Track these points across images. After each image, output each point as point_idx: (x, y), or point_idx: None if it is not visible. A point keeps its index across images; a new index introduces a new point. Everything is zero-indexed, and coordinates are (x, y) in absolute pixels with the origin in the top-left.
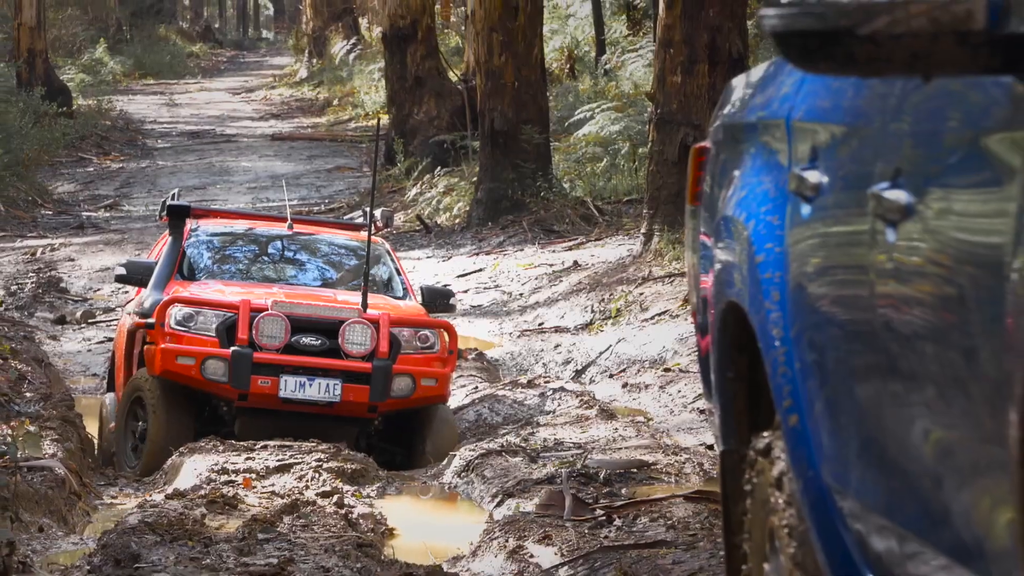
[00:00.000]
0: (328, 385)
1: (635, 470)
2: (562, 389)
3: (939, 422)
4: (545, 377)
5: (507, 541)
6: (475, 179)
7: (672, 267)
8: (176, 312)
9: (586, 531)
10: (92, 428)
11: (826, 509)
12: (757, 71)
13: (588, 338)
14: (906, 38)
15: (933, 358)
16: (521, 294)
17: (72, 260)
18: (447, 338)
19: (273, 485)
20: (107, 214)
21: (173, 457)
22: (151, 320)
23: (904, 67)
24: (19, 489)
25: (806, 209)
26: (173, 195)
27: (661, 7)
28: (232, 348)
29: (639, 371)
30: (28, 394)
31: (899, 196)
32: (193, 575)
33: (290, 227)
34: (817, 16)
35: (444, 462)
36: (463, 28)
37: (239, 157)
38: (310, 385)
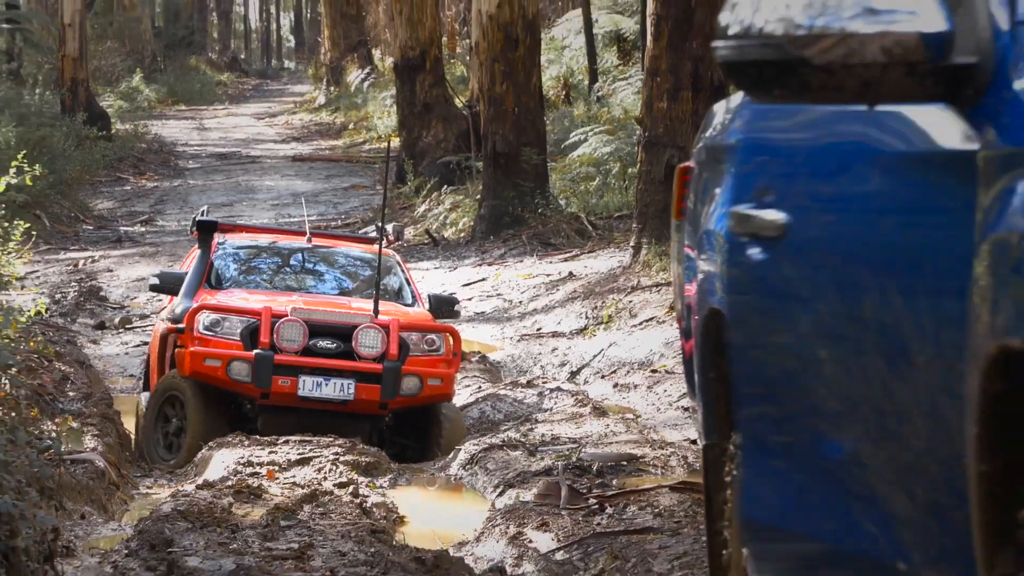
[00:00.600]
0: (343, 384)
1: (625, 463)
2: (558, 389)
3: (909, 419)
4: (543, 378)
5: (508, 528)
6: (479, 197)
7: (659, 277)
8: (204, 318)
9: (580, 519)
10: (129, 424)
11: None
12: (735, 98)
13: (582, 342)
14: (859, 68)
15: (898, 363)
16: (520, 302)
17: (111, 271)
18: (452, 342)
19: (294, 476)
20: (143, 229)
21: (203, 451)
22: (182, 325)
23: (855, 95)
24: (63, 480)
25: None
26: (202, 211)
27: (649, 39)
28: (255, 351)
29: (629, 372)
30: (71, 393)
31: None
32: (221, 559)
33: (309, 240)
34: (774, 47)
35: (450, 455)
36: (468, 59)
37: (263, 176)
38: (326, 385)
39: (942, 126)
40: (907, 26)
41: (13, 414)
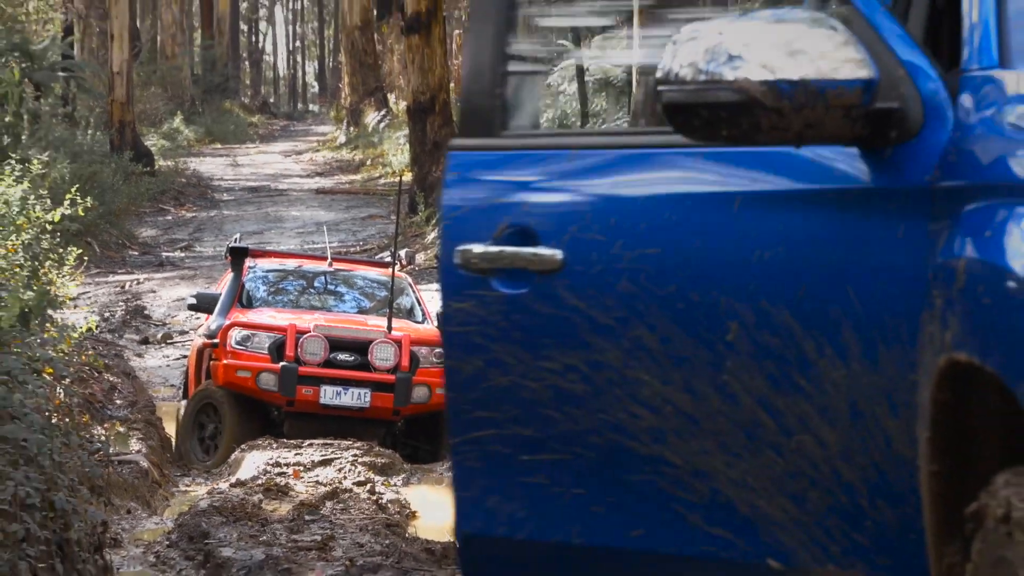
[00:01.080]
0: (360, 393)
1: None
2: None
3: None
4: None
5: None
6: None
7: None
8: (236, 334)
9: None
10: (170, 429)
11: None
12: None
13: None
14: (806, 110)
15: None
16: None
17: (154, 292)
18: None
19: (317, 476)
20: (182, 254)
21: (236, 453)
22: (216, 340)
23: (796, 136)
24: (111, 479)
25: None
26: (235, 239)
27: (634, 84)
28: (281, 363)
29: None
30: (118, 401)
31: None
32: (252, 549)
33: (330, 265)
34: (735, 90)
35: None
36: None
37: (289, 207)
38: (345, 393)
39: (855, 165)
40: (849, 73)
41: (67, 420)
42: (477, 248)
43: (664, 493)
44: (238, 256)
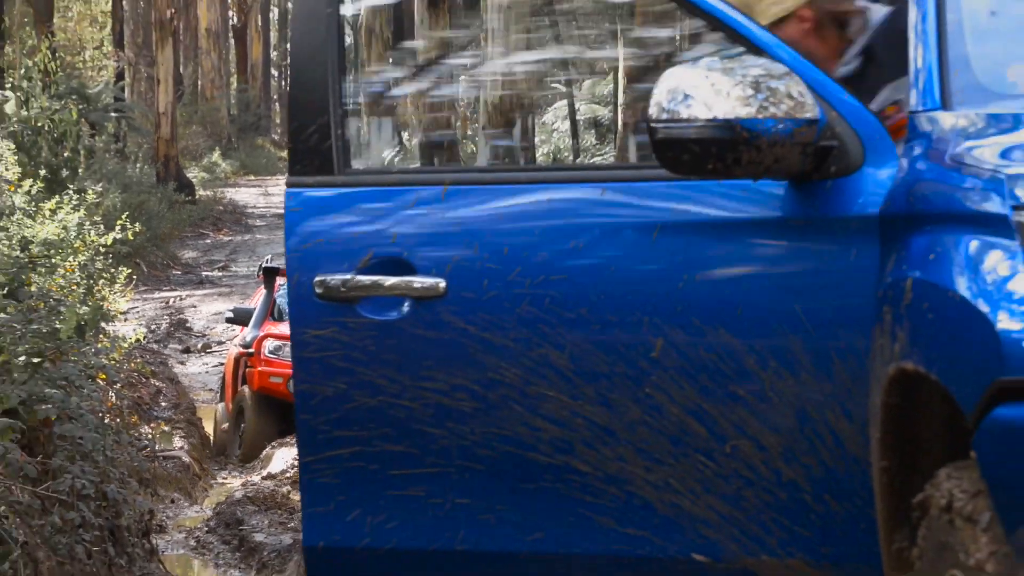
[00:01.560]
0: None
1: None
2: None
3: None
4: None
5: None
6: None
7: None
8: (269, 344)
9: None
10: (208, 428)
11: None
12: None
13: None
14: (777, 147)
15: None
16: None
17: (194, 307)
18: None
19: None
20: (220, 273)
21: (267, 449)
22: (251, 350)
23: (766, 169)
24: (157, 472)
25: None
26: (267, 259)
27: (619, 122)
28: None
29: None
30: (163, 403)
31: None
32: (281, 535)
33: None
34: (725, 126)
35: None
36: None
37: None
38: None
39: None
40: (807, 114)
41: (118, 420)
42: (339, 278)
43: (570, 499)
44: (270, 275)
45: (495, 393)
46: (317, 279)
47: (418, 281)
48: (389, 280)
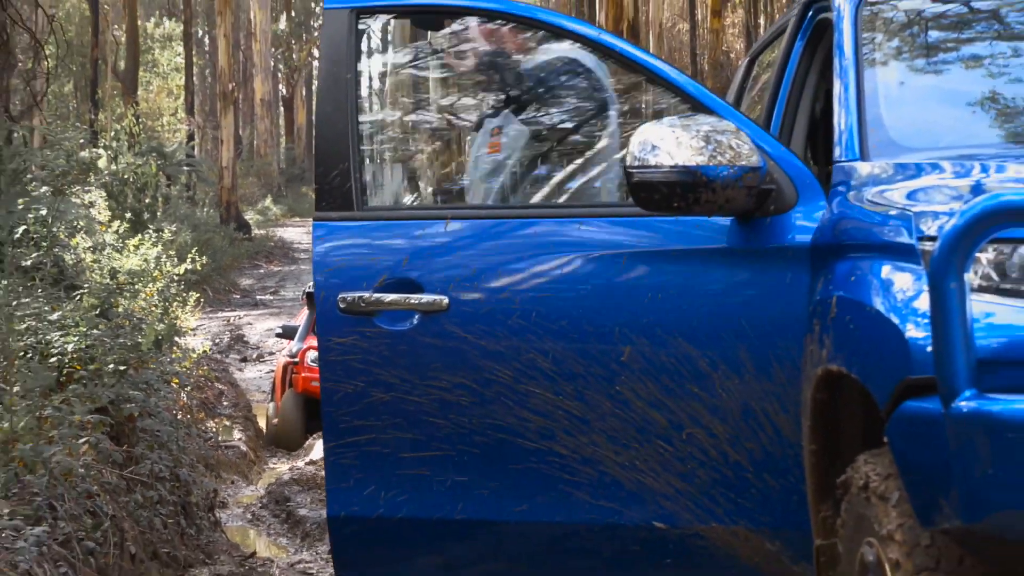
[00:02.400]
0: None
1: None
2: None
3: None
4: None
5: None
6: None
7: None
8: (310, 355)
9: None
10: (262, 423)
11: None
12: None
13: None
14: (729, 189)
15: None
16: None
17: (250, 324)
18: None
19: None
20: (271, 297)
21: (309, 440)
22: (296, 359)
23: (719, 207)
24: (220, 458)
25: None
26: (309, 286)
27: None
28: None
29: None
30: (225, 403)
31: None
32: (320, 510)
33: None
34: (687, 172)
35: None
36: None
37: None
38: None
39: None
40: (753, 162)
41: (188, 416)
42: (359, 295)
43: (552, 476)
44: (311, 298)
45: (489, 390)
46: (340, 296)
47: (425, 298)
48: (401, 297)
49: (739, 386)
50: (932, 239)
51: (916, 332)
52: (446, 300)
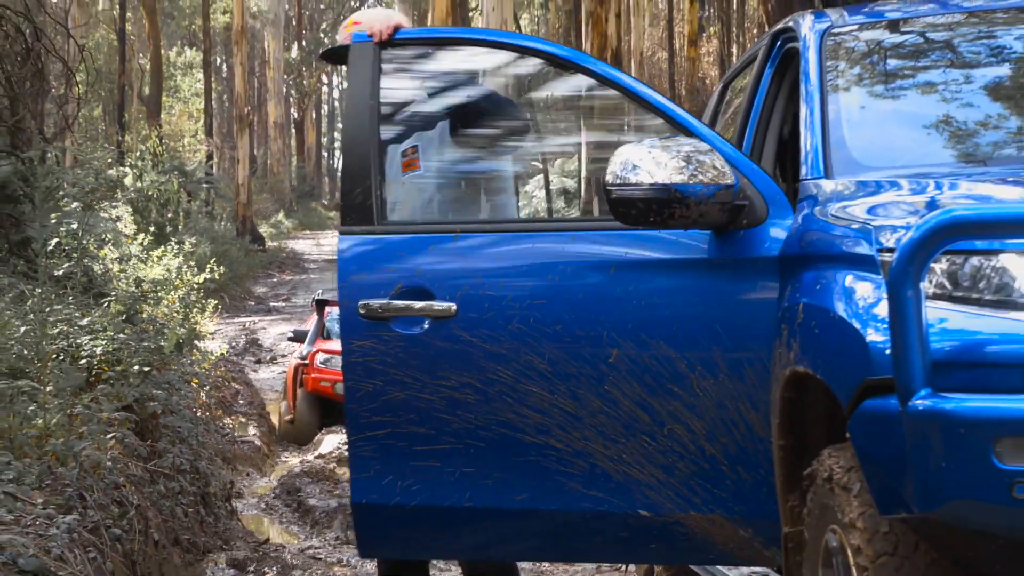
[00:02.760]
0: None
1: None
2: None
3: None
4: None
5: None
6: None
7: None
8: (320, 357)
9: None
10: (275, 420)
11: None
12: None
13: None
14: (702, 205)
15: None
16: None
17: (264, 329)
18: None
19: None
20: (283, 304)
21: (318, 436)
22: (306, 361)
23: (693, 222)
24: (236, 452)
25: None
26: (318, 293)
27: (582, 190)
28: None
29: None
30: (241, 401)
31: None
32: (329, 500)
33: None
34: (663, 189)
35: None
36: None
37: None
38: None
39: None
40: (726, 180)
41: (207, 413)
42: (377, 302)
43: (548, 469)
44: (320, 305)
45: (492, 389)
46: (361, 303)
47: (436, 305)
48: (415, 304)
49: (715, 386)
50: (891, 251)
51: (876, 336)
52: (454, 307)
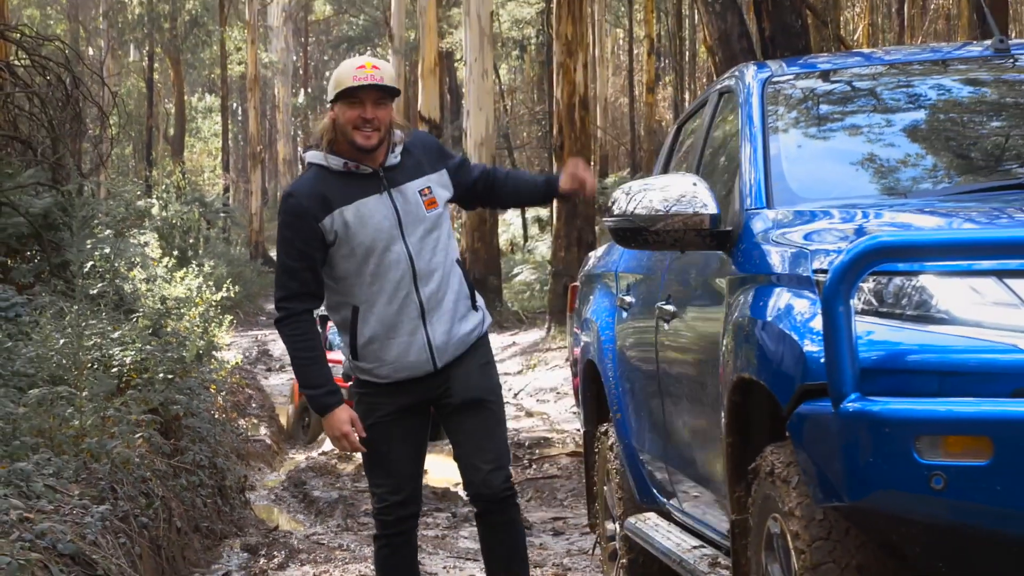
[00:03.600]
0: None
1: (542, 440)
2: (507, 403)
3: (688, 416)
4: None
5: None
6: None
7: (561, 344)
8: None
9: (518, 471)
10: (283, 421)
11: (633, 458)
12: (601, 248)
13: (520, 377)
14: (673, 232)
15: (686, 386)
16: None
17: (274, 341)
18: None
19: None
20: None
21: (321, 435)
22: None
23: (672, 245)
24: (249, 450)
25: (624, 315)
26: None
27: (554, 219)
28: (349, 383)
29: (545, 393)
30: (253, 405)
31: (669, 307)
32: (331, 492)
33: None
34: (631, 219)
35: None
36: (459, 228)
37: None
38: None
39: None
40: (703, 210)
41: (224, 416)
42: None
43: None
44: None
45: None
46: (617, 296)
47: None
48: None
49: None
50: (824, 272)
51: (811, 347)
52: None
